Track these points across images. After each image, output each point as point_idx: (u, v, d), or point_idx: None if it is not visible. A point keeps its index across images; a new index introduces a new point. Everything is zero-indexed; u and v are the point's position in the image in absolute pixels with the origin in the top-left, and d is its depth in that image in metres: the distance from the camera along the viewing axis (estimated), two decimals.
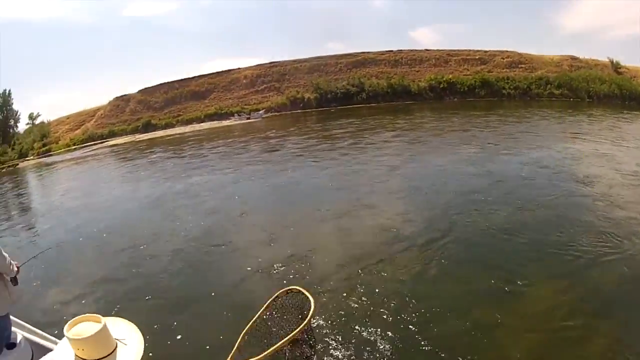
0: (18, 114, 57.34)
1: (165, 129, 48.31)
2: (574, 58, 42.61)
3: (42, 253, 5.70)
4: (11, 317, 3.83)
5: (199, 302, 7.36)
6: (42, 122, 57.68)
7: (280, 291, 2.67)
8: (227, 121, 45.11)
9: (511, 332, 5.35)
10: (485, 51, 45.39)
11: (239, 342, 2.71)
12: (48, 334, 4.25)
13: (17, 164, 45.02)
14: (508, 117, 26.21)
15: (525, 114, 26.93)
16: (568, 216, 8.91)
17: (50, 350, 3.80)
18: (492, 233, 8.47)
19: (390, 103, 39.01)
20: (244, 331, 2.66)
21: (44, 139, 54.32)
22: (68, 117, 58.64)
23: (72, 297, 8.40)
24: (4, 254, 3.39)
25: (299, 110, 43.98)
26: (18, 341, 3.62)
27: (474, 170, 13.15)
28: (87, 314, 2.24)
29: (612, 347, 4.95)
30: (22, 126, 57.20)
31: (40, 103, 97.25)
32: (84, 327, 2.15)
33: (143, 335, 2.70)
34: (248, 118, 44.25)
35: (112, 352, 2.19)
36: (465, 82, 40.74)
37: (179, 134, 42.38)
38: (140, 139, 44.89)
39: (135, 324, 2.88)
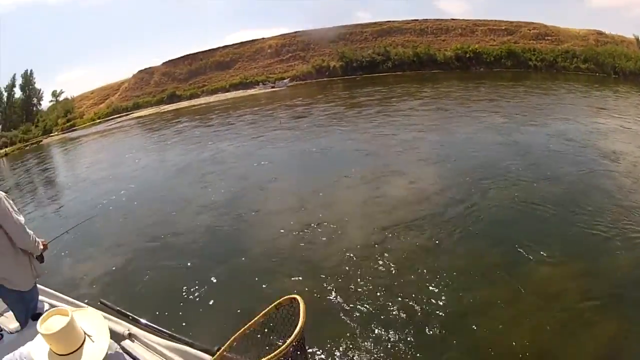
0: (41, 92, 57.21)
1: (190, 99, 48.57)
2: (600, 33, 41.40)
3: (73, 228, 5.53)
4: (39, 286, 3.89)
5: (228, 267, 7.59)
6: (66, 99, 57.68)
7: (281, 299, 2.60)
8: (252, 90, 45.12)
9: (521, 311, 5.36)
10: (512, 22, 44.22)
11: (224, 348, 2.72)
12: (77, 300, 4.34)
13: (41, 141, 45.21)
14: (534, 88, 25.87)
15: (552, 86, 26.60)
16: (593, 193, 8.76)
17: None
18: (517, 206, 8.47)
19: (417, 72, 38.70)
20: (233, 337, 2.72)
21: (68, 115, 54.38)
22: (92, 92, 58.82)
23: (103, 265, 8.66)
24: (29, 231, 3.39)
25: (325, 79, 43.86)
26: (44, 310, 3.62)
27: (501, 139, 13.30)
28: (57, 308, 2.29)
29: (619, 337, 4.86)
30: (45, 104, 57.11)
31: (63, 80, 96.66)
32: (53, 321, 2.20)
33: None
34: (273, 87, 44.25)
35: (80, 347, 2.25)
36: (492, 52, 40.06)
37: (205, 103, 42.50)
38: (166, 109, 45.21)
39: (104, 315, 3.23)
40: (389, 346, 5.12)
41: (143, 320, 3.50)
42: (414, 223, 8.16)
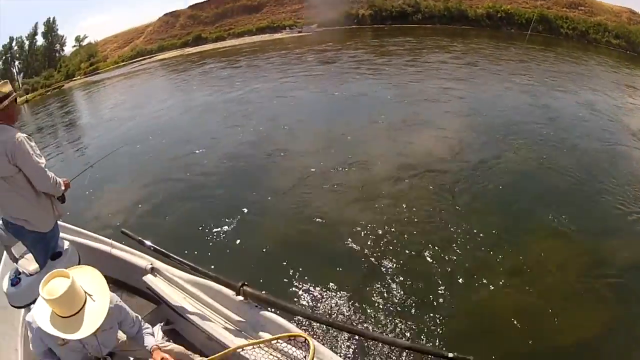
0: (64, 38, 56.23)
1: (215, 42, 47.56)
2: (632, 12, 40.04)
3: (98, 162, 5.45)
4: (60, 222, 3.84)
5: (255, 206, 7.67)
6: (90, 44, 56.72)
7: (282, 335, 2.52)
8: (279, 34, 44.19)
9: (522, 276, 5.38)
10: None
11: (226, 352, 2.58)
12: (97, 234, 4.38)
13: (62, 86, 44.55)
14: (565, 56, 25.38)
15: (582, 56, 26.05)
16: (617, 168, 8.59)
17: (95, 250, 4.08)
18: (543, 168, 8.44)
19: (446, 26, 37.65)
20: (236, 346, 2.59)
21: (91, 59, 53.37)
22: (116, 36, 57.60)
23: (126, 201, 8.81)
24: (49, 174, 3.29)
25: (353, 26, 42.69)
26: (64, 248, 3.65)
27: (530, 101, 13.38)
28: (57, 270, 2.30)
29: (613, 321, 4.78)
30: (68, 50, 56.12)
31: (87, 25, 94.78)
32: (55, 284, 2.21)
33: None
34: (300, 32, 43.36)
35: (82, 308, 2.28)
36: (524, 14, 38.99)
37: (231, 46, 41.82)
38: (190, 51, 44.48)
39: (101, 274, 2.81)
40: (391, 292, 5.23)
41: (166, 252, 3.41)
42: (440, 172, 8.35)
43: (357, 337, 3.73)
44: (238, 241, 6.67)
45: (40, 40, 54.65)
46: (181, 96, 20.25)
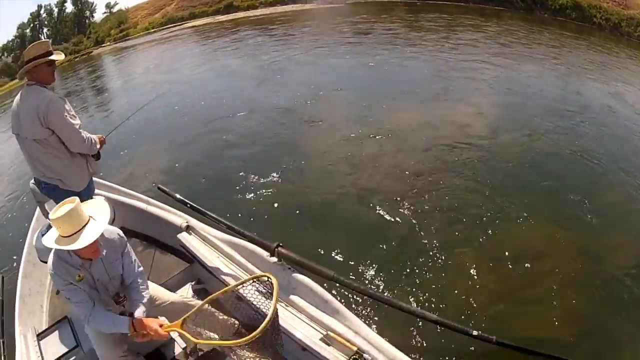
0: (94, 5, 57.04)
1: (247, 10, 47.30)
2: None
3: (133, 115, 5.47)
4: (95, 179, 3.89)
5: (289, 169, 7.88)
6: (120, 10, 57.29)
7: (247, 278, 2.61)
8: (310, 5, 43.85)
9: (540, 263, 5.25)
10: None
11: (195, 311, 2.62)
12: (132, 190, 4.48)
13: (91, 52, 44.72)
14: (597, 46, 24.94)
15: (614, 48, 25.76)
16: None
17: (131, 206, 4.16)
18: (574, 155, 8.26)
19: (479, 5, 36.99)
20: (210, 297, 2.62)
21: (121, 26, 53.60)
22: (147, 3, 57.62)
23: (161, 158, 9.13)
24: (84, 135, 3.30)
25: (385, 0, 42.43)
26: None
27: (562, 86, 13.45)
28: (69, 198, 2.45)
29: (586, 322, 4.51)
30: (99, 17, 56.79)
31: None
32: (61, 209, 2.37)
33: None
34: (331, 3, 42.57)
35: (84, 226, 2.41)
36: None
37: (263, 14, 41.59)
38: (221, 19, 44.23)
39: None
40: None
41: (202, 209, 3.44)
42: (472, 147, 8.40)
43: (385, 306, 3.47)
44: (275, 204, 6.77)
45: (69, 8, 55.55)
46: (216, 61, 20.46)
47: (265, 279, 2.49)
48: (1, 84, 49.79)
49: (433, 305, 4.62)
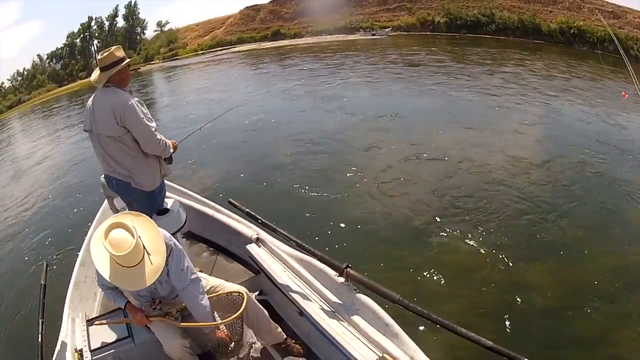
0: (145, 22, 59.00)
1: (293, 38, 48.97)
2: None
3: (205, 125, 5.65)
4: (167, 182, 3.88)
5: (355, 187, 8.09)
6: (171, 29, 58.83)
7: (221, 293, 2.83)
8: (353, 36, 45.03)
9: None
10: (619, 6, 41.00)
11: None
12: (202, 196, 4.45)
13: (139, 68, 45.78)
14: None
15: None
16: None
17: (201, 213, 4.10)
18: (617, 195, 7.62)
19: (519, 39, 37.58)
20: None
21: (171, 45, 54.91)
22: (197, 25, 59.60)
23: (227, 170, 9.39)
24: (159, 136, 3.29)
25: (427, 33, 43.24)
26: (170, 206, 3.61)
27: (607, 121, 12.94)
28: (118, 221, 2.32)
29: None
30: (150, 34, 58.32)
31: (170, 11, 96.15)
32: (119, 238, 2.24)
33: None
34: (373, 34, 44.08)
35: (142, 260, 2.31)
36: (596, 32, 38.47)
37: (309, 43, 42.45)
38: (267, 46, 45.29)
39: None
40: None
41: (272, 225, 3.29)
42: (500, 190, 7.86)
43: (448, 333, 2.62)
44: (341, 224, 6.66)
45: (120, 22, 57.80)
46: (266, 86, 21.06)
47: (237, 293, 2.72)
48: (49, 89, 52.84)
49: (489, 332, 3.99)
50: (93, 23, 57.35)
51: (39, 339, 2.62)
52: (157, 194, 3.51)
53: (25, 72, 55.75)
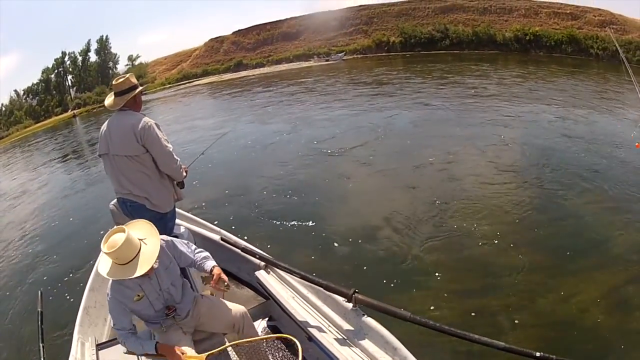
0: (117, 56, 58.73)
1: (254, 68, 48.94)
2: None
3: (209, 147, 5.52)
4: (177, 209, 3.86)
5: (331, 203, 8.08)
6: (141, 63, 58.94)
7: (272, 336, 2.85)
8: (307, 63, 44.99)
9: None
10: (577, 6, 40.34)
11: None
12: (210, 223, 4.42)
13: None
14: (593, 76, 23.97)
15: (611, 78, 24.24)
16: None
17: (209, 239, 4.08)
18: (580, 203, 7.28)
19: (474, 51, 36.73)
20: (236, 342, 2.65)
21: (140, 80, 55.45)
22: (165, 58, 59.84)
23: (226, 195, 9.24)
24: (176, 157, 3.35)
25: (383, 54, 42.80)
26: (181, 232, 3.73)
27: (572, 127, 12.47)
28: (116, 227, 2.43)
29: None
30: (121, 67, 57.99)
31: (142, 43, 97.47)
32: (113, 239, 2.35)
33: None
34: (327, 60, 43.72)
35: (138, 252, 2.39)
36: (553, 36, 37.19)
37: (262, 74, 42.75)
38: (225, 78, 46.13)
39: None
40: None
41: (275, 261, 3.35)
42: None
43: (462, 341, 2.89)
44: (346, 248, 6.39)
45: (93, 57, 56.94)
46: (237, 114, 21.34)
47: (292, 342, 2.51)
48: (26, 125, 51.40)
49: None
50: (67, 58, 56.43)
51: None
52: (169, 219, 3.48)
53: (3, 108, 53.96)
